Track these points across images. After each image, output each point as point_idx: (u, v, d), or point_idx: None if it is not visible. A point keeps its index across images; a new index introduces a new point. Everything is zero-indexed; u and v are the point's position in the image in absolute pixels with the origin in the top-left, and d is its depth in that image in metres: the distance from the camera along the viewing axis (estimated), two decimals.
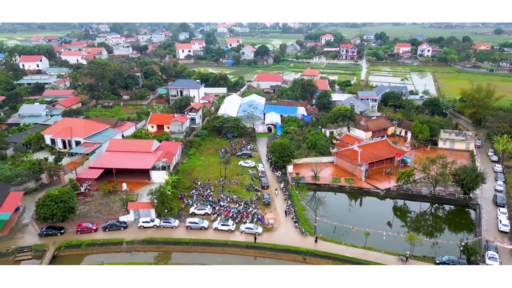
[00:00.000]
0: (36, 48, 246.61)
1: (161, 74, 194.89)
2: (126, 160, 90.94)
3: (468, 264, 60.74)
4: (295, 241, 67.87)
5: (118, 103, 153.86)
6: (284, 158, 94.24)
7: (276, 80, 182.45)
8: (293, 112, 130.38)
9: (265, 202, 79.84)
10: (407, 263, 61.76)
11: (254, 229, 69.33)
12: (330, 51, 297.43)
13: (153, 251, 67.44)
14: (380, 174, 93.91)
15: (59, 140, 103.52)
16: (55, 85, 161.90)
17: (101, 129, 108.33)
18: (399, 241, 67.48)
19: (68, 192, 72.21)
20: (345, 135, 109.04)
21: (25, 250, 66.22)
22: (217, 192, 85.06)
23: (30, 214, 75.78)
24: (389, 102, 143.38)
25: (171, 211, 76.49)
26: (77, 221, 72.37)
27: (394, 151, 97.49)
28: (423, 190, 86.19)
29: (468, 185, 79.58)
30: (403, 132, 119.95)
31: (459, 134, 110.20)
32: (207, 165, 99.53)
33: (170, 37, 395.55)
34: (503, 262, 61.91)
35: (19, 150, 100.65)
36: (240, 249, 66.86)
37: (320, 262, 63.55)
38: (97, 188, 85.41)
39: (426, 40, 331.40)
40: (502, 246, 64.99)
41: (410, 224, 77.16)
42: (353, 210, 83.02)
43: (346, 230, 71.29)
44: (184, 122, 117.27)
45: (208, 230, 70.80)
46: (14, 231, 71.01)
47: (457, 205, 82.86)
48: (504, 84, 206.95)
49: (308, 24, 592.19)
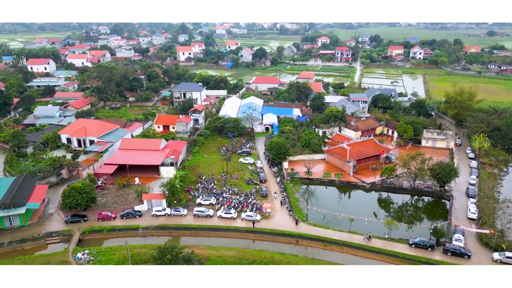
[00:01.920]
0: (42, 51, 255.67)
1: (164, 77, 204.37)
2: (137, 157, 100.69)
3: (437, 245, 70.85)
4: (289, 226, 77.85)
5: (124, 104, 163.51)
6: (280, 155, 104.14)
7: (274, 82, 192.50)
8: (289, 113, 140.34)
9: (263, 194, 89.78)
10: (370, 242, 72.20)
11: (254, 217, 79.24)
12: (325, 54, 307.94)
13: (165, 235, 77.14)
14: (367, 169, 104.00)
15: (75, 139, 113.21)
16: (65, 88, 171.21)
17: (112, 129, 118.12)
18: (379, 226, 77.59)
19: (89, 184, 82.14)
20: (336, 135, 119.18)
21: (54, 235, 75.87)
22: (220, 185, 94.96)
23: (54, 205, 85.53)
24: (378, 103, 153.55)
25: (179, 202, 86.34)
26: (97, 210, 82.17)
27: (379, 149, 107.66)
28: (404, 183, 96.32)
29: (443, 179, 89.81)
30: (390, 132, 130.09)
31: (440, 134, 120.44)
32: (210, 162, 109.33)
33: (170, 39, 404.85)
34: (468, 243, 72.03)
35: (38, 149, 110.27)
36: (241, 233, 76.77)
37: (311, 244, 73.50)
38: (112, 182, 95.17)
39: (419, 43, 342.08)
40: (468, 230, 75.10)
41: (392, 213, 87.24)
42: (341, 201, 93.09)
43: (334, 217, 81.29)
44: (188, 123, 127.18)
45: (213, 217, 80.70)
46: (42, 219, 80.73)
47: (434, 197, 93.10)
48: (490, 86, 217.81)
49: (305, 26, 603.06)
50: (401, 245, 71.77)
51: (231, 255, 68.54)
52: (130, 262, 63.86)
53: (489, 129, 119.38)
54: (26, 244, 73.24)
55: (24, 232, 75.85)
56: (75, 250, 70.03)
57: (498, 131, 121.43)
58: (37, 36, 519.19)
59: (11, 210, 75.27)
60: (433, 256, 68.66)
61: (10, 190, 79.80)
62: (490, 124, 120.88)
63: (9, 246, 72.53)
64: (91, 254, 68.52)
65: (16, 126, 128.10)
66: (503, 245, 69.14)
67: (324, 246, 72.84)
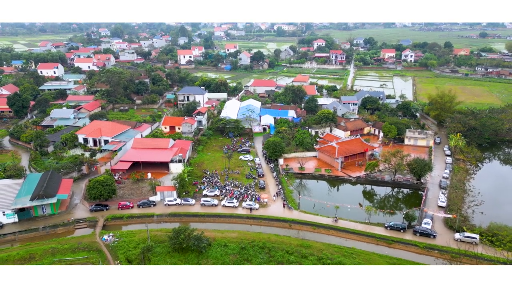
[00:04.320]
0: (50, 55, 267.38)
1: (167, 80, 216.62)
2: (149, 155, 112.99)
3: (408, 228, 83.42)
4: (283, 213, 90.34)
5: (132, 107, 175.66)
6: (276, 153, 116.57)
7: (270, 85, 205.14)
8: (285, 115, 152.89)
9: (261, 187, 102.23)
10: (337, 223, 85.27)
11: (253, 205, 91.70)
12: (321, 57, 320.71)
13: (176, 222, 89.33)
14: (353, 165, 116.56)
15: (91, 139, 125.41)
16: (76, 91, 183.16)
17: (124, 130, 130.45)
18: (361, 212, 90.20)
19: (110, 178, 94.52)
20: (327, 134, 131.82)
21: (81, 221, 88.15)
22: (223, 179, 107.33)
23: (78, 197, 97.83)
24: (367, 105, 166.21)
25: (188, 194, 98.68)
26: (117, 200, 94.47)
27: (365, 147, 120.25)
28: (386, 177, 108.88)
29: (418, 173, 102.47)
30: (376, 132, 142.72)
31: (421, 133, 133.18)
32: (213, 159, 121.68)
33: (170, 42, 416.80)
34: (435, 226, 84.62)
35: (58, 148, 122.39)
36: (242, 219, 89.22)
37: (302, 228, 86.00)
38: (127, 177, 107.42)
39: (411, 45, 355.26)
40: (437, 215, 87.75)
41: (374, 203, 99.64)
42: (330, 193, 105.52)
43: (322, 206, 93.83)
44: (193, 124, 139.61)
45: (217, 206, 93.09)
46: (69, 208, 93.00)
47: (412, 188, 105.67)
48: (475, 87, 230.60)
49: (302, 28, 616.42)
50: (378, 228, 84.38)
51: (233, 237, 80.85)
52: (150, 242, 76.10)
53: (465, 129, 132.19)
54: (58, 229, 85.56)
55: (55, 219, 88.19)
56: (101, 233, 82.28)
57: (474, 131, 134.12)
58: (38, 38, 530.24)
59: (44, 200, 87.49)
60: (405, 236, 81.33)
61: (41, 183, 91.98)
62: (466, 124, 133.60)
63: (43, 230, 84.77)
64: (115, 236, 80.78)
65: (35, 127, 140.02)
66: (464, 227, 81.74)
67: (313, 229, 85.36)
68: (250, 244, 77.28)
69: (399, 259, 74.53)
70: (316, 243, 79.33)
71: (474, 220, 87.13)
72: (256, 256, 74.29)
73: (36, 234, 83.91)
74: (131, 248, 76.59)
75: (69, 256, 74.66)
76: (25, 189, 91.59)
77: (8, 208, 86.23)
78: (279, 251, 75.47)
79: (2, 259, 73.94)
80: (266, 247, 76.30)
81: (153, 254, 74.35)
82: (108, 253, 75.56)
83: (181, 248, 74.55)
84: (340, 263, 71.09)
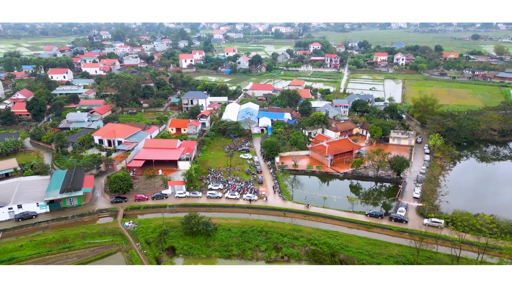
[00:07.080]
0: (58, 60, 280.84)
1: (170, 84, 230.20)
2: (159, 154, 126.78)
3: (385, 215, 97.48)
4: (279, 204, 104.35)
5: (139, 110, 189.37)
6: (273, 152, 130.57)
7: (268, 89, 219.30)
8: (281, 117, 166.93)
9: (260, 182, 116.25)
10: (309, 209, 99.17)
11: (252, 197, 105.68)
12: (316, 60, 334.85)
13: (186, 211, 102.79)
14: (342, 162, 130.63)
15: (106, 140, 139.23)
16: (86, 95, 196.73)
17: (135, 131, 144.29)
18: (345, 202, 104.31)
19: (127, 174, 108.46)
20: (318, 135, 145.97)
21: (104, 211, 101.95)
22: (225, 175, 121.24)
23: (98, 190, 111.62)
24: (357, 108, 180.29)
25: (195, 187, 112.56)
26: (133, 193, 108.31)
27: (352, 146, 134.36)
28: (370, 173, 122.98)
29: (398, 169, 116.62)
30: (364, 132, 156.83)
31: (404, 133, 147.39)
32: (216, 158, 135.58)
33: (171, 45, 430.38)
34: (409, 214, 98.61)
35: (76, 148, 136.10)
36: (243, 209, 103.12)
37: (294, 216, 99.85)
38: (141, 174, 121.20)
39: (403, 49, 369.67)
40: (411, 204, 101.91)
41: (360, 195, 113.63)
42: (321, 187, 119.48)
43: (312, 197, 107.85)
44: (197, 126, 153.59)
45: (221, 198, 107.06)
46: (92, 200, 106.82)
47: (392, 183, 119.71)
48: (461, 90, 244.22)
49: (299, 30, 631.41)
50: (359, 215, 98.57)
51: (236, 223, 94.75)
52: (165, 227, 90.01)
53: (443, 129, 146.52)
54: (84, 217, 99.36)
55: (81, 209, 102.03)
56: (122, 220, 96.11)
57: (452, 131, 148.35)
58: (41, 41, 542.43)
59: (72, 193, 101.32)
60: (382, 222, 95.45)
61: (67, 179, 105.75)
62: (444, 125, 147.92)
63: (72, 219, 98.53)
64: (135, 223, 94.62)
65: (53, 129, 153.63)
66: (432, 214, 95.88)
67: (304, 217, 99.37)
68: (250, 228, 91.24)
69: (375, 240, 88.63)
70: (306, 228, 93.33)
71: (442, 208, 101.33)
72: (255, 238, 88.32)
73: (66, 222, 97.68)
74: (149, 233, 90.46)
75: (97, 239, 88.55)
76: (54, 184, 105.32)
77: (41, 200, 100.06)
78: (274, 234, 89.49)
79: (41, 241, 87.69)
80: (263, 231, 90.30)
81: (168, 237, 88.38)
82: (130, 237, 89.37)
83: (192, 232, 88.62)
84: (326, 243, 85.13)
